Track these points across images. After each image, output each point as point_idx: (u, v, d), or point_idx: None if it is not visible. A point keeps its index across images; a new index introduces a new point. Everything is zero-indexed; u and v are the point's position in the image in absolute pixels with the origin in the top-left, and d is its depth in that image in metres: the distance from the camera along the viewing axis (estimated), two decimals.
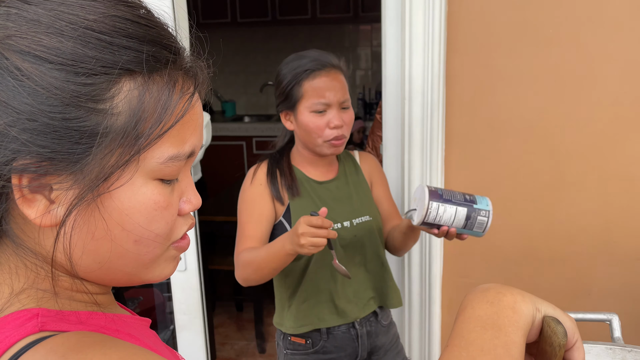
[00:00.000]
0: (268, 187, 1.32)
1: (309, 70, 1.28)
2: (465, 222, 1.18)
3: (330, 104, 1.28)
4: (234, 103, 4.69)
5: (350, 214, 1.37)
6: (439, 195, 1.17)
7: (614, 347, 0.89)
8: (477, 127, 1.67)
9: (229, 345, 2.89)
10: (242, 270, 1.25)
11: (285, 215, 1.33)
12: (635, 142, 1.59)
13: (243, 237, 1.28)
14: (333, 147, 1.31)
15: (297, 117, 1.30)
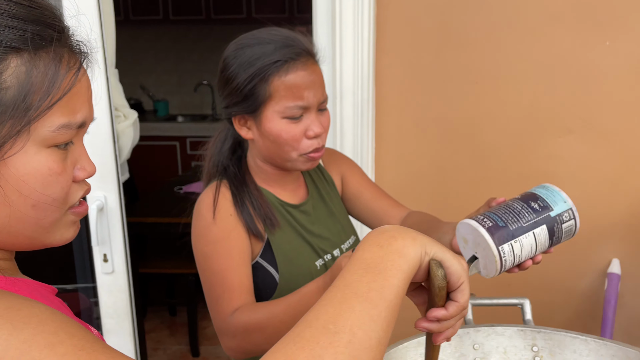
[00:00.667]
0: (240, 218, 0.99)
1: (280, 61, 0.94)
2: (550, 242, 0.82)
3: (308, 106, 0.97)
4: (167, 102, 4.58)
5: (337, 239, 1.11)
6: (501, 229, 0.77)
7: (525, 329, 0.94)
8: (405, 126, 1.72)
9: (162, 350, 2.81)
10: (247, 338, 0.89)
11: (264, 255, 1.01)
12: (551, 140, 1.70)
13: (227, 291, 0.93)
14: (310, 161, 1.01)
15: (262, 125, 0.97)
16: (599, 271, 1.77)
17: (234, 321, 0.90)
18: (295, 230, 1.05)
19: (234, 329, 0.90)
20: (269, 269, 1.01)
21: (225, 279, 0.94)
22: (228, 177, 1.03)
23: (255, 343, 0.88)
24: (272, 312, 0.87)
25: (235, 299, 0.93)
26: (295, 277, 1.01)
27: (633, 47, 1.62)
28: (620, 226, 1.73)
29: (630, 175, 1.70)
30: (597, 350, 0.91)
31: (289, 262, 1.01)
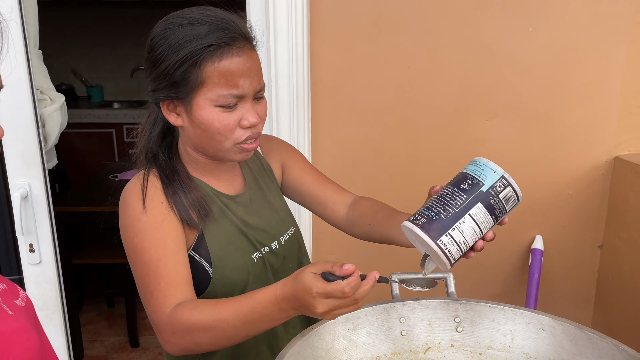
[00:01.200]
0: (171, 207, 0.93)
1: (214, 45, 0.87)
2: (493, 217, 0.81)
3: (244, 95, 0.90)
4: (101, 88, 4.41)
5: (276, 231, 1.05)
6: (435, 222, 0.78)
7: (448, 301, 0.99)
8: (341, 110, 1.74)
9: (99, 342, 2.74)
10: (188, 337, 0.82)
11: (197, 248, 0.95)
12: (479, 123, 1.76)
13: (163, 283, 0.86)
14: (244, 152, 0.95)
15: (193, 112, 0.90)
16: (524, 247, 1.87)
17: (174, 317, 0.83)
18: (231, 222, 0.99)
19: (174, 325, 0.83)
20: (202, 263, 0.95)
21: (159, 269, 0.87)
22: (158, 165, 0.96)
23: (198, 342, 0.83)
24: (220, 315, 0.81)
25: (173, 291, 0.86)
26: (230, 271, 0.96)
27: (554, 33, 1.71)
28: (543, 204, 1.83)
29: (551, 156, 1.80)
30: (513, 319, 0.96)
31: (224, 256, 0.96)
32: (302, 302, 0.75)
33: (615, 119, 1.78)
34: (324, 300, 0.74)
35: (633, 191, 1.70)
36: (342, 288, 0.72)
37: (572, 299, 1.93)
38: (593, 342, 0.87)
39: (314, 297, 0.73)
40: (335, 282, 0.72)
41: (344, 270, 0.73)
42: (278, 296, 0.77)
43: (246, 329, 0.80)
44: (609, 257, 1.85)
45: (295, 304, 0.76)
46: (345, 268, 0.74)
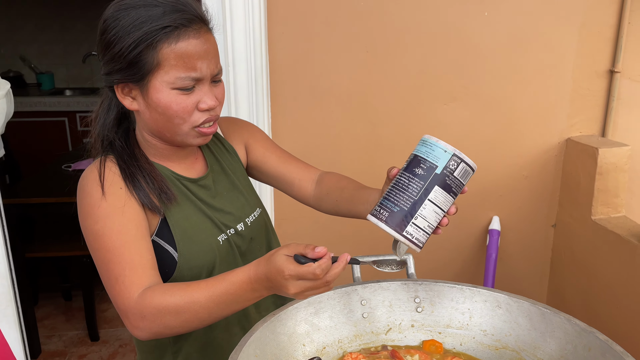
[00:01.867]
0: (131, 192, 0.91)
1: (170, 27, 0.85)
2: (452, 194, 0.82)
3: (202, 78, 0.89)
4: (52, 75, 4.24)
5: (241, 212, 1.05)
6: (397, 213, 0.80)
7: (408, 282, 1.00)
8: (301, 94, 1.73)
9: (57, 337, 2.66)
10: (158, 320, 0.81)
11: (160, 233, 0.94)
12: (437, 107, 1.78)
13: (128, 269, 0.84)
14: (202, 136, 0.93)
15: (149, 95, 0.88)
16: (482, 228, 1.92)
17: (144, 302, 0.81)
18: (195, 205, 0.97)
19: (143, 309, 0.81)
20: (166, 248, 0.94)
21: (123, 255, 0.85)
22: (115, 151, 0.94)
23: (168, 326, 0.82)
24: (192, 297, 0.80)
25: (139, 276, 0.84)
26: (196, 255, 0.95)
27: (509, 18, 1.74)
28: (499, 186, 1.88)
29: (507, 139, 1.84)
30: (471, 297, 0.99)
31: (188, 240, 0.95)
32: (274, 283, 0.76)
33: (567, 102, 1.83)
34: (296, 282, 0.75)
35: (584, 172, 1.77)
36: (313, 270, 0.73)
37: (528, 276, 1.99)
38: (546, 317, 0.90)
39: (286, 278, 0.75)
40: (306, 265, 0.74)
41: (316, 253, 0.75)
42: (252, 277, 0.78)
43: (219, 310, 0.81)
44: (562, 235, 1.92)
45: (268, 284, 0.78)
46: (317, 250, 0.75)
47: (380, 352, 0.94)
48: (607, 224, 1.69)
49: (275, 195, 1.75)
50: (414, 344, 0.98)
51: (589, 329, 0.84)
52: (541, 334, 0.90)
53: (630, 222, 1.69)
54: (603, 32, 1.78)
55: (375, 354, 0.94)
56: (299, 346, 0.91)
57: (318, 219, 1.68)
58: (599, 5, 1.76)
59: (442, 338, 0.98)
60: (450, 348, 0.96)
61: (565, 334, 0.87)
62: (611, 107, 1.83)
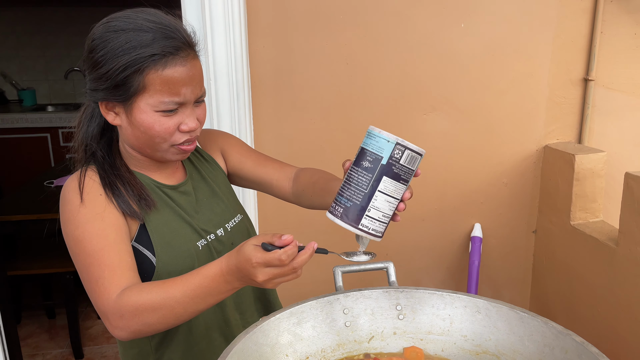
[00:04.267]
0: (111, 199, 0.94)
1: (158, 55, 0.87)
2: (402, 182, 0.83)
3: (185, 102, 0.92)
4: (34, 91, 4.21)
5: (221, 218, 1.07)
6: (350, 208, 0.82)
7: (389, 290, 1.01)
8: (282, 106, 1.74)
9: (40, 356, 2.62)
10: (136, 319, 0.82)
11: (139, 238, 0.96)
12: (417, 117, 1.81)
13: (107, 271, 0.86)
14: (182, 153, 0.96)
15: (133, 115, 0.91)
16: (464, 235, 1.94)
17: (122, 301, 0.83)
18: (174, 211, 1.00)
19: (121, 309, 0.83)
20: (145, 253, 0.96)
21: (102, 258, 0.88)
22: (96, 162, 0.97)
23: (147, 323, 0.83)
24: (167, 293, 0.82)
25: (118, 278, 0.86)
26: (174, 260, 0.97)
27: (485, 29, 1.78)
28: (480, 193, 1.91)
29: (486, 147, 1.87)
30: (451, 303, 1.00)
31: (166, 245, 0.97)
32: (244, 272, 0.78)
33: (543, 110, 1.87)
34: (264, 269, 0.77)
35: (562, 177, 1.80)
36: (279, 256, 0.76)
37: (511, 281, 2.02)
38: (524, 321, 0.91)
39: (254, 266, 0.77)
40: (273, 252, 0.76)
41: (282, 241, 0.77)
42: (224, 269, 0.81)
43: (194, 304, 0.82)
44: (542, 241, 1.95)
45: (239, 274, 0.80)
46: (283, 238, 0.77)
47: None
48: (586, 229, 1.72)
49: (259, 197, 1.76)
50: (396, 351, 0.99)
51: (566, 331, 0.86)
52: (520, 337, 0.91)
53: (608, 227, 1.73)
54: (577, 42, 1.83)
55: None
56: (282, 357, 0.92)
57: (302, 217, 1.68)
58: (573, 15, 1.81)
59: (424, 344, 0.99)
60: (432, 354, 0.98)
61: (543, 337, 0.88)
62: (586, 115, 1.87)
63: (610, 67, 1.86)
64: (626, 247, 1.51)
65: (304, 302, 0.98)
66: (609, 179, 1.81)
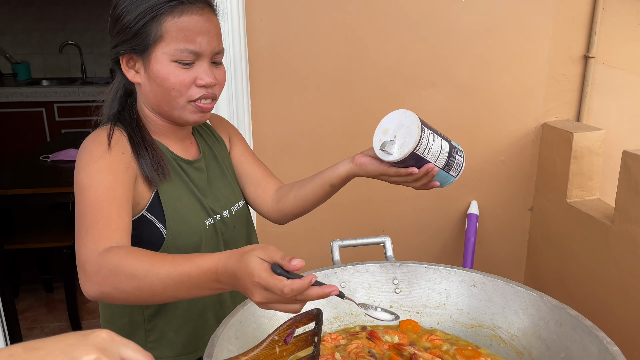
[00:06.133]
0: (135, 160, 0.93)
1: (175, 1, 0.90)
2: (446, 161, 0.89)
3: (201, 53, 0.92)
4: (28, 64, 4.16)
5: (227, 200, 1.07)
6: (426, 123, 0.87)
7: (386, 264, 1.02)
8: (280, 80, 1.73)
9: (39, 329, 2.64)
10: (110, 279, 0.77)
11: (151, 209, 0.95)
12: (416, 93, 1.80)
13: (102, 222, 0.83)
14: (200, 111, 0.95)
15: (150, 66, 0.92)
16: (460, 213, 1.95)
17: (105, 257, 0.78)
18: (187, 186, 1.00)
19: (101, 264, 0.78)
20: (156, 224, 0.95)
21: (102, 210, 0.84)
22: (123, 120, 0.97)
23: (120, 288, 0.77)
24: (153, 266, 0.75)
25: (110, 233, 0.82)
26: (184, 235, 0.96)
27: (485, 5, 1.75)
28: (477, 171, 1.91)
29: (485, 124, 1.87)
30: (448, 278, 1.01)
31: (178, 218, 0.96)
32: (241, 283, 0.69)
33: (543, 87, 1.86)
34: (263, 292, 0.68)
35: (559, 156, 1.80)
36: (282, 287, 0.66)
37: (506, 259, 2.03)
38: (520, 295, 0.92)
39: (254, 284, 0.67)
40: (278, 278, 0.66)
41: (292, 266, 0.67)
42: (219, 268, 0.71)
43: (175, 289, 0.75)
44: (538, 219, 1.96)
45: (234, 281, 0.71)
46: (293, 264, 0.67)
47: (360, 332, 0.96)
48: (582, 207, 1.73)
49: None
50: (392, 324, 1.00)
51: (561, 305, 0.87)
52: (515, 311, 0.92)
53: (603, 205, 1.74)
54: (577, 18, 1.81)
55: (355, 334, 0.95)
56: None
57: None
58: None
59: (420, 318, 1.00)
60: (428, 327, 0.99)
61: (537, 311, 0.89)
62: (586, 92, 1.87)
63: (611, 44, 1.85)
64: (621, 225, 1.52)
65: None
66: (606, 157, 1.82)
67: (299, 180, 1.13)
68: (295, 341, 0.75)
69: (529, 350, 0.88)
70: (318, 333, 0.78)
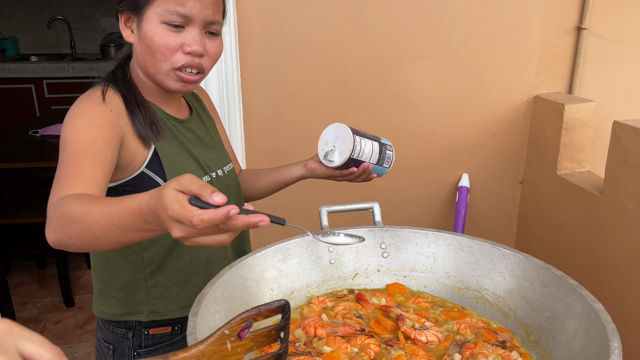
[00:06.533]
0: (127, 118, 0.93)
1: None
2: (378, 157, 1.07)
3: (191, 18, 0.91)
4: (16, 40, 4.10)
5: (219, 160, 1.09)
6: (357, 130, 1.05)
7: (374, 229, 1.02)
8: (271, 53, 1.71)
9: (31, 304, 2.65)
10: (60, 225, 0.75)
11: (151, 165, 0.96)
12: (407, 65, 1.79)
13: (71, 173, 0.82)
14: (181, 81, 0.95)
15: (141, 27, 0.92)
16: (451, 185, 1.95)
17: (58, 205, 0.77)
18: (182, 144, 1.01)
19: (54, 212, 0.77)
20: (156, 180, 0.96)
21: (75, 161, 0.83)
22: (116, 80, 0.98)
23: (67, 233, 0.75)
24: (90, 210, 0.73)
25: (77, 183, 0.81)
26: None
27: None
28: (469, 144, 1.91)
29: (477, 96, 1.86)
30: (435, 242, 1.01)
31: (177, 174, 0.95)
32: (160, 220, 0.64)
33: (535, 59, 1.85)
34: (178, 225, 0.62)
35: (551, 128, 1.80)
36: (190, 218, 0.60)
37: (496, 231, 2.04)
38: (506, 257, 0.93)
39: (169, 218, 0.62)
40: (188, 208, 0.60)
41: (213, 200, 0.61)
42: (143, 208, 0.66)
43: (112, 232, 0.71)
44: (528, 191, 1.97)
45: (158, 221, 0.65)
46: (213, 199, 0.61)
47: (347, 295, 0.97)
48: (572, 179, 1.74)
49: (247, 152, 1.75)
50: (379, 287, 1.00)
51: (546, 266, 0.87)
52: (501, 273, 0.93)
53: (593, 176, 1.74)
54: None
55: (342, 297, 0.96)
56: (267, 291, 0.93)
57: None
58: None
59: (407, 281, 1.00)
60: (415, 290, 0.99)
61: (523, 272, 0.90)
62: (578, 64, 1.86)
63: (603, 15, 1.83)
64: (611, 195, 1.52)
65: (289, 240, 0.98)
66: (597, 129, 1.82)
67: (255, 169, 1.24)
68: (254, 336, 0.63)
69: (514, 311, 0.89)
70: (285, 328, 0.66)
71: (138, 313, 1.03)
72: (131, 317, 1.03)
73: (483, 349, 0.80)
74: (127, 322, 1.04)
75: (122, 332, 1.05)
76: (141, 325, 1.04)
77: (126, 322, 1.04)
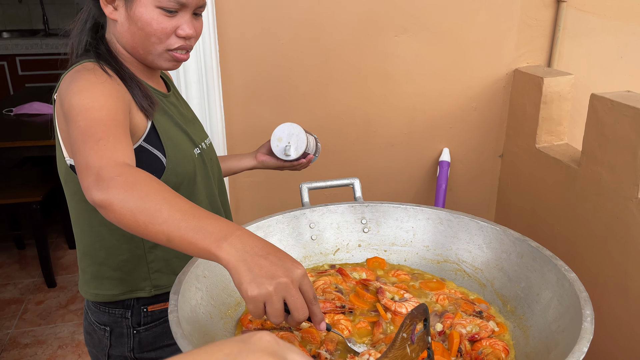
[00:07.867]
0: (128, 93, 0.92)
1: None
2: (314, 148, 1.28)
3: (187, 4, 0.93)
4: None
5: (201, 133, 1.12)
6: (305, 130, 1.25)
7: (355, 205, 1.02)
8: (249, 27, 1.68)
9: (12, 285, 2.62)
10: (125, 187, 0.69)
11: (148, 138, 0.95)
12: (387, 39, 1.77)
13: (113, 137, 0.79)
14: (174, 60, 0.97)
15: (133, 8, 0.91)
16: (432, 160, 1.96)
17: (125, 168, 0.72)
18: (171, 118, 1.03)
19: (119, 173, 0.71)
20: (155, 153, 0.96)
21: (109, 127, 0.80)
22: (103, 57, 0.95)
23: (124, 200, 0.68)
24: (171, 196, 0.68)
25: (124, 149, 0.77)
26: (181, 163, 1.00)
27: None
28: (450, 118, 1.91)
29: (457, 70, 1.86)
30: (415, 216, 1.02)
31: (174, 147, 0.99)
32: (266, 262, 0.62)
33: (515, 32, 1.85)
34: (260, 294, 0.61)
35: (530, 102, 1.81)
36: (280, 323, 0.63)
37: (476, 205, 2.07)
38: (484, 230, 0.94)
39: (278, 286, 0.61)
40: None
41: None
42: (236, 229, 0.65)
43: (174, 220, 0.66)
44: (508, 165, 1.99)
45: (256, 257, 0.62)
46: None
47: (328, 270, 0.97)
48: (550, 151, 1.76)
49: (227, 130, 1.73)
50: (360, 261, 1.01)
51: (522, 237, 0.89)
52: (479, 245, 0.94)
53: (571, 149, 1.77)
54: None
55: (323, 272, 0.97)
56: None
57: None
58: None
59: (388, 255, 1.01)
60: (395, 264, 1.00)
61: (500, 244, 0.92)
62: (557, 37, 1.86)
63: None
64: (587, 167, 1.55)
65: (270, 217, 0.98)
66: (575, 102, 1.83)
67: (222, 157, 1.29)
68: (418, 339, 0.64)
69: (491, 282, 0.91)
70: (428, 332, 0.68)
71: (139, 289, 1.04)
72: (131, 295, 1.03)
73: (462, 319, 0.81)
74: (124, 302, 1.04)
75: (120, 312, 1.05)
76: (139, 303, 1.05)
77: (124, 301, 1.04)
